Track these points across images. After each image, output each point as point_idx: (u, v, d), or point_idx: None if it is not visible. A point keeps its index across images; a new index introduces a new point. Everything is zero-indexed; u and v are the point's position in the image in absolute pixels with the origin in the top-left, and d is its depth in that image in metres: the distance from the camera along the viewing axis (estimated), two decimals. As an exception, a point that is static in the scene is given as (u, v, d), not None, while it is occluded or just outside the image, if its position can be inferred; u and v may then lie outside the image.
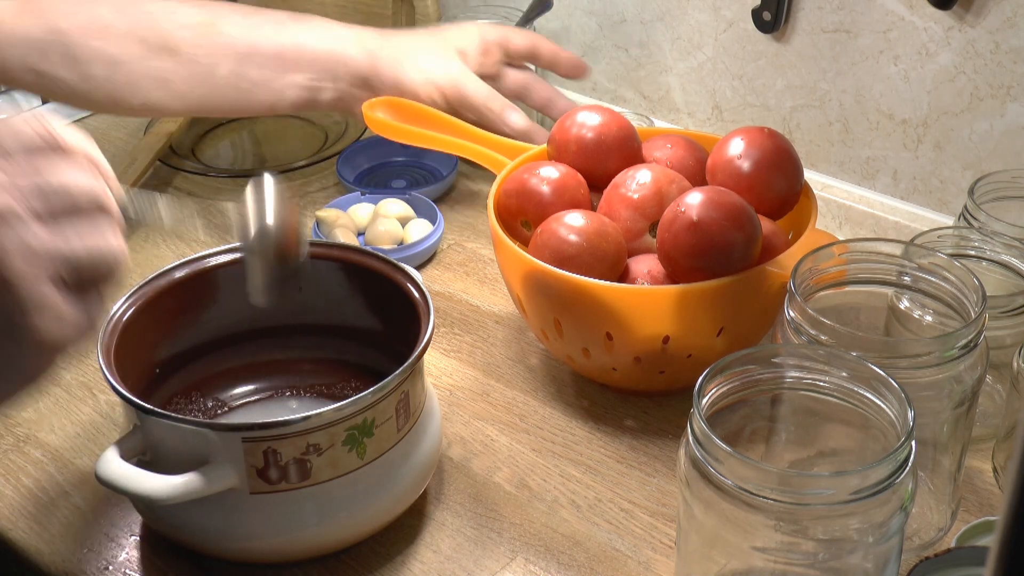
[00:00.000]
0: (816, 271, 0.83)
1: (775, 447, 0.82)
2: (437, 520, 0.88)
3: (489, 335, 1.07)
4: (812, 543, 0.68)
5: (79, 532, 0.88)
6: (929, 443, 0.81)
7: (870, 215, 1.14)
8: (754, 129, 0.98)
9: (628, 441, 0.95)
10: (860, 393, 0.73)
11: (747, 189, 0.94)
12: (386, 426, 0.81)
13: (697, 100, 1.25)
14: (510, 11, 1.33)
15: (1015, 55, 1.02)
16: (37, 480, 0.93)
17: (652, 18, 1.25)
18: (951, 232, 0.93)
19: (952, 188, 1.10)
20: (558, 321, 0.93)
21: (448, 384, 1.01)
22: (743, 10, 1.17)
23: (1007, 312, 0.88)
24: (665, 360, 0.92)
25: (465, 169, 1.30)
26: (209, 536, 0.81)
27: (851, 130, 1.15)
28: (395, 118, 1.10)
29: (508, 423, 0.97)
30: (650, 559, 0.84)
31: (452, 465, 0.93)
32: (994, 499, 0.89)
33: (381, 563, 0.85)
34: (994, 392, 0.94)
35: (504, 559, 0.85)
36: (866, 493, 0.66)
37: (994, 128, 1.05)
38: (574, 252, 0.92)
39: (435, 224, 1.17)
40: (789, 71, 1.16)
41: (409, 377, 0.82)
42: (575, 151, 1.01)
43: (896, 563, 0.71)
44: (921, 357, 0.77)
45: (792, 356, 0.75)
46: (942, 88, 1.07)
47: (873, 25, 1.09)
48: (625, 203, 0.96)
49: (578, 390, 1.00)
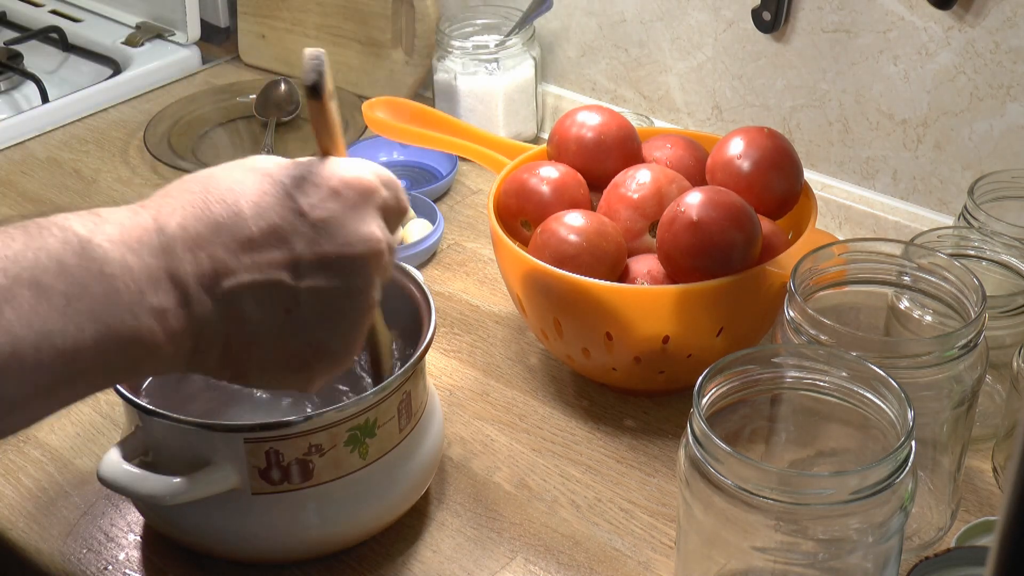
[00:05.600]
0: (816, 271, 0.83)
1: (775, 447, 0.83)
2: (437, 520, 0.88)
3: (489, 335, 1.07)
4: (812, 543, 0.68)
5: (79, 532, 0.88)
6: (929, 443, 0.81)
7: (870, 215, 1.14)
8: (754, 129, 0.98)
9: (628, 441, 0.95)
10: (860, 393, 0.73)
11: (747, 189, 0.95)
12: (388, 426, 0.81)
13: (697, 100, 1.25)
14: (510, 11, 1.33)
15: (1015, 55, 1.02)
16: (37, 480, 0.93)
17: (652, 18, 1.25)
18: (951, 232, 0.93)
19: (952, 188, 1.10)
20: (558, 321, 0.93)
21: (448, 384, 1.01)
22: (743, 10, 1.17)
23: (1007, 312, 0.88)
24: (665, 360, 0.92)
25: (465, 169, 1.30)
26: (211, 537, 0.81)
27: (851, 130, 1.15)
28: (395, 118, 1.10)
29: (508, 423, 0.97)
30: (650, 559, 0.85)
31: (452, 465, 0.93)
32: (994, 499, 0.89)
33: (382, 563, 0.85)
34: (994, 392, 0.94)
35: (504, 559, 0.85)
36: (866, 493, 0.66)
37: (994, 128, 1.05)
38: (574, 252, 0.92)
39: (435, 224, 1.17)
40: (789, 71, 1.16)
41: (411, 377, 0.82)
42: (575, 151, 1.01)
43: (896, 563, 0.71)
44: (921, 357, 0.77)
45: (792, 356, 0.75)
46: (942, 88, 1.07)
47: (873, 25, 1.09)
48: (625, 203, 0.96)
49: (578, 390, 1.00)
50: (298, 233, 0.66)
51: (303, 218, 0.66)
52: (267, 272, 0.65)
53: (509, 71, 1.30)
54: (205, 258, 0.64)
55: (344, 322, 0.69)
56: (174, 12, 1.56)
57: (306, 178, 0.68)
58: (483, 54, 1.30)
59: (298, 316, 0.67)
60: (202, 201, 0.65)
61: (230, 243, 0.65)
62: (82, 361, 0.60)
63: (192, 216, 0.64)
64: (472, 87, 1.30)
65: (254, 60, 1.54)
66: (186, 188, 0.66)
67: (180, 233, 0.64)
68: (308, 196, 0.67)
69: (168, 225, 0.64)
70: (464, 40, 1.31)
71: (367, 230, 0.68)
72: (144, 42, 1.56)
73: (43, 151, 1.39)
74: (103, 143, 1.40)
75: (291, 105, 1.42)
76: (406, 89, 1.40)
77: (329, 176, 0.68)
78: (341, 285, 0.67)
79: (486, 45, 1.30)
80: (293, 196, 0.67)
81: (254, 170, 0.67)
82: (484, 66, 1.30)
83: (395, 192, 0.72)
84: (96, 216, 0.63)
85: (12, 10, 1.68)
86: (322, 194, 0.67)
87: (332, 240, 0.67)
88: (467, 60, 1.30)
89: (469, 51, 1.30)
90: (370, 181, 0.69)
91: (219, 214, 0.65)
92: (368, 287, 0.69)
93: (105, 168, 1.35)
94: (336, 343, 0.69)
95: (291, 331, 0.67)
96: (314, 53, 0.68)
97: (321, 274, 0.67)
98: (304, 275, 0.66)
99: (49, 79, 1.52)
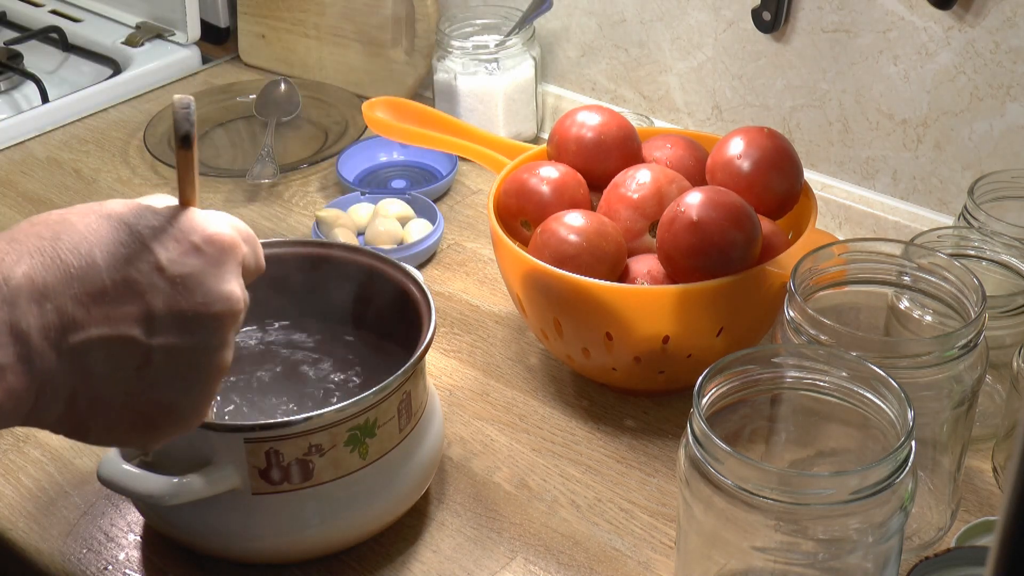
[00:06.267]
0: (816, 271, 0.83)
1: (775, 447, 0.83)
2: (437, 520, 0.88)
3: (489, 335, 1.07)
4: (812, 543, 0.68)
5: (79, 532, 0.88)
6: (929, 443, 0.81)
7: (870, 215, 1.14)
8: (754, 129, 0.98)
9: (628, 441, 0.95)
10: (860, 393, 0.73)
11: (747, 189, 0.95)
12: (388, 426, 0.81)
13: (697, 100, 1.25)
14: (510, 11, 1.33)
15: (1015, 55, 1.02)
16: (37, 480, 0.93)
17: (652, 18, 1.25)
18: (951, 232, 0.93)
19: (952, 188, 1.10)
20: (558, 321, 0.93)
21: (448, 384, 1.01)
22: (743, 10, 1.17)
23: (1007, 312, 0.88)
24: (665, 360, 0.92)
25: (465, 169, 1.30)
26: (211, 537, 0.81)
27: (851, 130, 1.15)
28: (395, 118, 1.10)
29: (508, 423, 0.97)
30: (650, 559, 0.85)
31: (452, 465, 0.93)
32: (994, 499, 0.89)
33: (382, 563, 0.85)
34: (994, 392, 0.94)
35: (504, 559, 0.85)
36: (866, 493, 0.66)
37: (994, 128, 1.05)
38: (574, 252, 0.92)
39: (435, 224, 1.17)
40: (789, 71, 1.16)
41: (411, 377, 0.82)
42: (575, 151, 1.01)
43: (896, 563, 0.71)
44: (921, 357, 0.77)
45: (792, 356, 0.75)
46: (942, 88, 1.07)
47: (873, 25, 1.09)
48: (625, 203, 0.96)
49: (578, 390, 1.00)
50: (154, 288, 0.63)
51: (161, 273, 0.63)
52: (118, 327, 0.62)
53: (509, 71, 1.31)
54: (52, 310, 0.60)
55: (196, 382, 0.66)
56: (174, 12, 1.56)
57: (166, 230, 0.64)
58: (483, 54, 1.30)
59: (148, 373, 0.64)
60: (52, 248, 0.61)
61: (81, 295, 0.61)
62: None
63: (40, 265, 0.60)
64: (472, 87, 1.30)
65: (254, 60, 1.54)
66: (36, 232, 0.62)
67: (25, 283, 0.60)
68: (168, 250, 0.64)
69: (13, 275, 0.60)
70: (464, 40, 1.31)
71: (227, 288, 0.65)
72: (144, 42, 1.56)
73: (43, 151, 1.39)
74: (103, 143, 1.40)
75: (291, 105, 1.42)
76: (406, 89, 1.40)
77: (190, 230, 0.65)
78: (196, 344, 0.65)
79: (486, 45, 1.30)
80: (152, 249, 0.63)
81: (110, 217, 0.64)
82: (484, 66, 1.30)
83: (254, 248, 0.69)
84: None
85: (12, 10, 1.68)
86: (182, 249, 0.64)
87: (190, 297, 0.64)
88: (467, 60, 1.30)
89: (469, 51, 1.30)
90: (232, 237, 0.66)
91: (70, 263, 0.61)
92: (223, 346, 0.66)
93: (105, 168, 1.35)
94: (186, 403, 0.66)
95: (140, 389, 0.64)
96: (184, 101, 0.65)
97: (175, 331, 0.64)
98: (157, 332, 0.63)
99: (49, 79, 1.52)
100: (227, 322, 0.66)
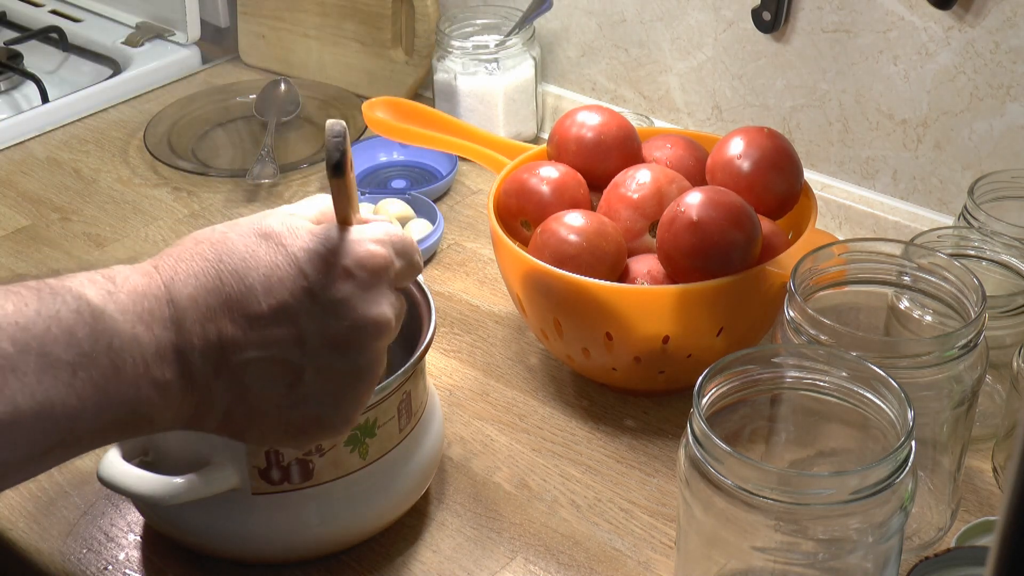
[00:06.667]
0: (816, 271, 0.83)
1: (775, 447, 0.83)
2: (437, 520, 0.88)
3: (489, 335, 1.07)
4: (812, 543, 0.68)
5: (79, 532, 0.88)
6: (929, 443, 0.81)
7: (870, 215, 1.14)
8: (754, 129, 0.98)
9: (628, 441, 0.95)
10: (860, 393, 0.73)
11: (747, 189, 0.95)
12: (388, 426, 0.81)
13: (697, 100, 1.25)
14: (510, 11, 1.33)
15: (1015, 55, 1.02)
16: (37, 480, 0.93)
17: (652, 18, 1.25)
18: (951, 232, 0.93)
19: (952, 188, 1.10)
20: (558, 321, 0.93)
21: (448, 384, 1.01)
22: (743, 10, 1.17)
23: (1007, 312, 0.88)
24: (665, 360, 0.92)
25: (465, 169, 1.30)
26: (211, 537, 0.81)
27: (851, 130, 1.15)
28: (395, 118, 1.10)
29: (508, 423, 0.97)
30: (650, 559, 0.85)
31: (452, 465, 0.93)
32: (994, 499, 0.89)
33: (382, 563, 0.85)
34: (994, 392, 0.94)
35: (504, 559, 0.85)
36: (866, 493, 0.66)
37: (994, 128, 1.05)
38: (574, 252, 0.92)
39: (435, 224, 1.17)
40: (789, 71, 1.16)
41: (411, 377, 0.82)
42: (575, 151, 1.01)
43: (896, 563, 0.71)
44: (921, 357, 0.77)
45: (792, 356, 0.75)
46: (942, 88, 1.07)
47: (873, 25, 1.09)
48: (625, 203, 0.96)
49: (578, 390, 1.00)
50: (307, 312, 0.66)
51: (314, 297, 0.66)
52: (273, 349, 0.66)
53: (509, 71, 1.31)
54: (213, 331, 0.65)
55: (346, 398, 0.69)
56: (174, 12, 1.56)
57: (319, 253, 0.67)
58: (483, 54, 1.30)
59: (299, 390, 0.67)
60: (215, 271, 0.65)
61: (239, 318, 0.65)
62: (80, 428, 0.61)
63: (203, 288, 0.65)
64: (472, 87, 1.30)
65: (254, 60, 1.55)
66: (200, 253, 0.66)
67: (191, 305, 0.64)
68: (320, 275, 0.67)
69: (180, 297, 0.64)
70: (464, 40, 1.31)
71: (376, 312, 0.68)
72: (144, 42, 1.56)
73: (43, 151, 1.39)
74: (103, 143, 1.40)
75: (291, 105, 1.42)
76: (406, 89, 1.40)
77: (343, 253, 0.68)
78: (345, 363, 0.68)
79: (486, 45, 1.30)
80: (306, 274, 0.66)
81: (268, 238, 0.67)
82: (484, 66, 1.30)
83: (409, 258, 0.72)
84: (110, 283, 0.63)
85: (12, 10, 1.68)
86: (335, 274, 0.67)
87: (341, 322, 0.67)
88: (467, 60, 1.30)
89: (469, 51, 1.30)
90: (384, 259, 0.69)
91: (231, 288, 0.65)
92: (374, 365, 0.69)
93: (105, 168, 1.35)
94: (336, 417, 0.70)
95: (291, 403, 0.68)
96: (336, 129, 0.67)
97: (327, 353, 0.67)
98: (310, 353, 0.67)
99: (49, 79, 1.52)
100: (377, 341, 0.69)
